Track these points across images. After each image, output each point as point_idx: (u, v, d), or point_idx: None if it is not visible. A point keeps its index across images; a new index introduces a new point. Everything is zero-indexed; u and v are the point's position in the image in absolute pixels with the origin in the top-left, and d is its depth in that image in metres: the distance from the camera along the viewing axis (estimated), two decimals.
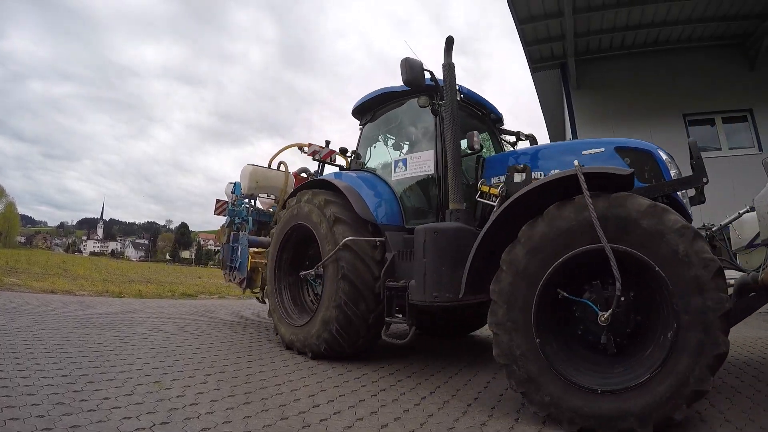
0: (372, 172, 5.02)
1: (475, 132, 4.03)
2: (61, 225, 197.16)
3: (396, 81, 5.02)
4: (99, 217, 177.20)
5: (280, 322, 4.82)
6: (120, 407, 2.52)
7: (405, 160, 4.55)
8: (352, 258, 3.99)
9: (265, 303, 5.96)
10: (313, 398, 2.98)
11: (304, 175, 7.24)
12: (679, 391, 2.26)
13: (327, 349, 4.10)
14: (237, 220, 6.96)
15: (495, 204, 3.65)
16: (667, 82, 10.84)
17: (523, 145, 5.38)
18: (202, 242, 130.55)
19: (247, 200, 7.11)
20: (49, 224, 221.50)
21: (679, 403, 2.26)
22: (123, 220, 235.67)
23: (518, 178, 3.63)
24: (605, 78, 11.35)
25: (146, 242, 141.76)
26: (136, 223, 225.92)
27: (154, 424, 2.30)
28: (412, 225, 4.24)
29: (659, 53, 10.94)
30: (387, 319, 3.79)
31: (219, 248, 7.32)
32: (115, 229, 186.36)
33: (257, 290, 6.37)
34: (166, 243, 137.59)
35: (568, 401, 2.47)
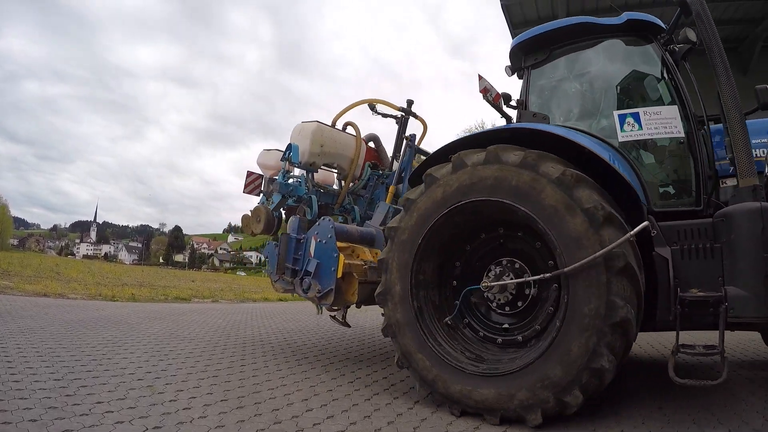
0: (567, 128, 3.49)
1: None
2: (54, 227, 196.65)
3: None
4: (92, 219, 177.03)
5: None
6: (113, 411, 2.52)
7: (637, 115, 3.30)
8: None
9: (349, 326, 4.66)
10: (306, 402, 2.99)
11: (371, 144, 5.72)
12: None
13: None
14: (289, 200, 4.94)
15: None
16: None
17: None
18: (195, 245, 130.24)
19: (303, 172, 5.08)
20: (42, 227, 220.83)
21: None
22: (116, 223, 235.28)
23: None
24: None
25: (139, 245, 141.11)
26: (130, 226, 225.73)
27: (147, 429, 2.30)
28: (660, 207, 3.20)
29: None
30: (685, 352, 2.65)
31: (268, 244, 4.65)
32: (108, 232, 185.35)
33: (336, 308, 4.51)
34: (159, 246, 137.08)
35: None
